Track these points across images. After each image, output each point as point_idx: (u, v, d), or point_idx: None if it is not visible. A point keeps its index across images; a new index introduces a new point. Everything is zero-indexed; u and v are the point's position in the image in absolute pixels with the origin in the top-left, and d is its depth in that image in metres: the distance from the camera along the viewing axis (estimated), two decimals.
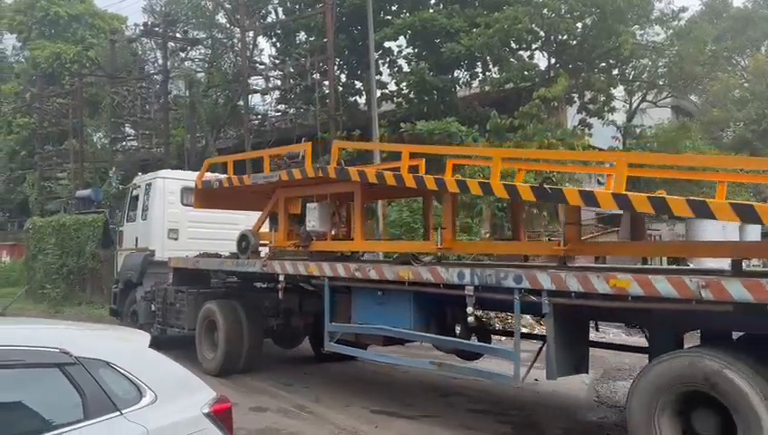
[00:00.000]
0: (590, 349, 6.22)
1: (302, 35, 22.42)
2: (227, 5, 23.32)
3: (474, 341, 6.78)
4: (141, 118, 24.79)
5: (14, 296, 19.56)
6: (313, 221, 8.17)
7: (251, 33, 22.35)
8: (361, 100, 21.89)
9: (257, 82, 21.37)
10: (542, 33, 17.80)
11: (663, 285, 4.64)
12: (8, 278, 24.33)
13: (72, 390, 2.60)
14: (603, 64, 18.39)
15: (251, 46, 23.04)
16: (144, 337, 3.25)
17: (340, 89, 20.03)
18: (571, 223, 6.07)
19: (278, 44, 23.24)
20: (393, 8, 20.66)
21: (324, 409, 7.23)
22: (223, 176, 9.78)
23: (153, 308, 10.55)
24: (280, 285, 8.14)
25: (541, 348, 6.18)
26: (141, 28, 24.37)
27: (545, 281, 5.28)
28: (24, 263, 22.33)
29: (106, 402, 2.65)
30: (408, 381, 8.76)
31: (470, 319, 5.98)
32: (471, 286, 5.83)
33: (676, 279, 4.64)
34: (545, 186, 5.67)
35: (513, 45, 18.53)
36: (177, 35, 24.29)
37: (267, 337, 9.74)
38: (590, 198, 5.30)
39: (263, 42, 30.22)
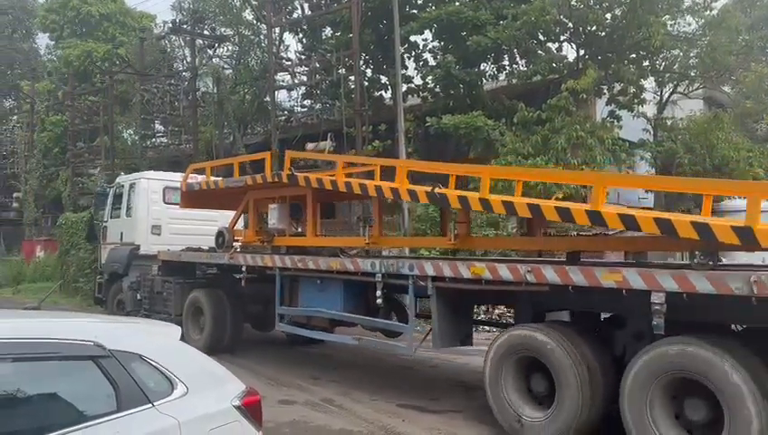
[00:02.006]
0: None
1: (327, 31, 22.42)
2: (254, 2, 23.42)
3: (394, 320, 7.86)
4: (170, 114, 25.06)
5: (48, 290, 20.03)
6: (274, 220, 9.16)
7: (277, 30, 22.42)
8: (387, 94, 21.79)
9: (283, 78, 21.46)
10: (570, 25, 17.50)
11: (504, 271, 5.70)
12: (43, 273, 24.83)
13: (105, 382, 2.66)
14: (633, 55, 17.99)
15: (277, 42, 23.12)
16: (176, 331, 3.30)
17: (366, 84, 19.96)
18: (461, 222, 7.12)
19: (304, 40, 23.25)
20: (419, 2, 20.51)
21: (351, 402, 7.28)
22: (201, 177, 10.84)
23: (139, 297, 11.44)
24: (242, 275, 9.10)
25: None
26: (170, 26, 24.64)
27: (429, 268, 6.45)
28: (58, 258, 22.77)
29: (138, 394, 2.71)
30: (434, 376, 8.77)
31: (378, 301, 7.19)
32: (380, 274, 7.04)
33: (512, 266, 5.70)
34: (435, 191, 6.55)
35: (540, 37, 18.25)
36: (205, 32, 24.50)
37: (247, 322, 10.72)
38: (464, 202, 6.26)
39: (289, 38, 30.32)
